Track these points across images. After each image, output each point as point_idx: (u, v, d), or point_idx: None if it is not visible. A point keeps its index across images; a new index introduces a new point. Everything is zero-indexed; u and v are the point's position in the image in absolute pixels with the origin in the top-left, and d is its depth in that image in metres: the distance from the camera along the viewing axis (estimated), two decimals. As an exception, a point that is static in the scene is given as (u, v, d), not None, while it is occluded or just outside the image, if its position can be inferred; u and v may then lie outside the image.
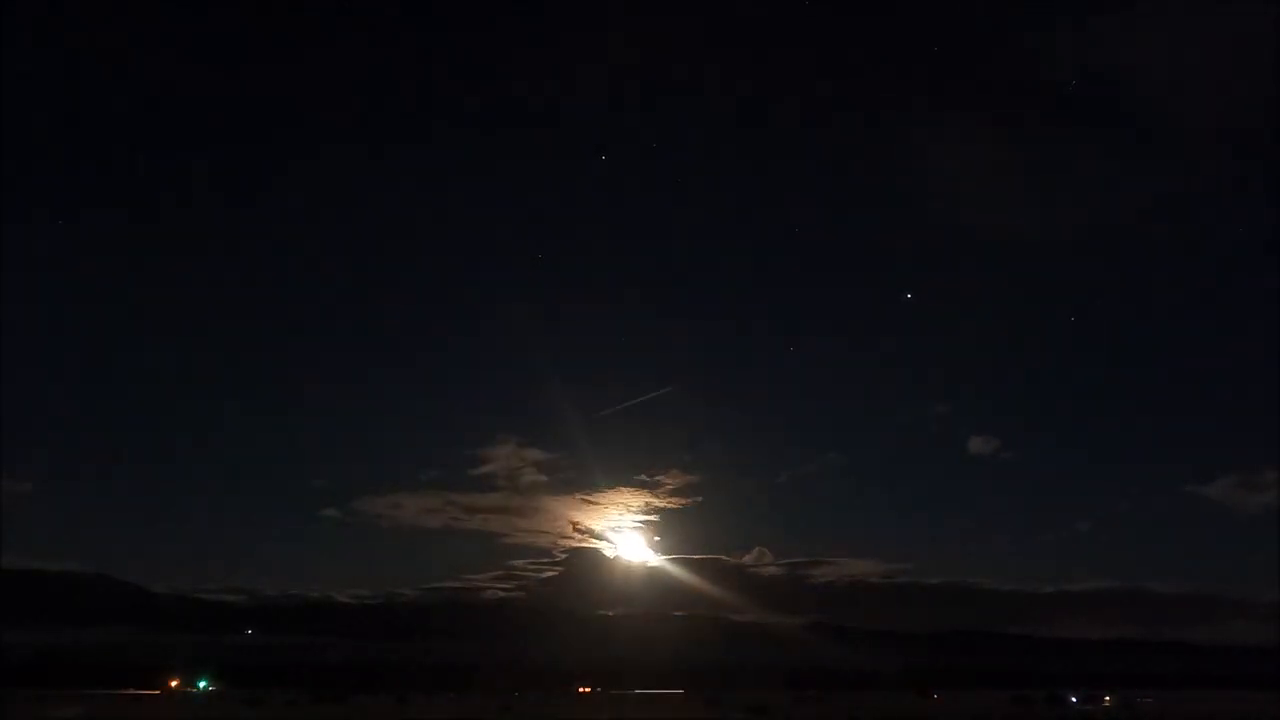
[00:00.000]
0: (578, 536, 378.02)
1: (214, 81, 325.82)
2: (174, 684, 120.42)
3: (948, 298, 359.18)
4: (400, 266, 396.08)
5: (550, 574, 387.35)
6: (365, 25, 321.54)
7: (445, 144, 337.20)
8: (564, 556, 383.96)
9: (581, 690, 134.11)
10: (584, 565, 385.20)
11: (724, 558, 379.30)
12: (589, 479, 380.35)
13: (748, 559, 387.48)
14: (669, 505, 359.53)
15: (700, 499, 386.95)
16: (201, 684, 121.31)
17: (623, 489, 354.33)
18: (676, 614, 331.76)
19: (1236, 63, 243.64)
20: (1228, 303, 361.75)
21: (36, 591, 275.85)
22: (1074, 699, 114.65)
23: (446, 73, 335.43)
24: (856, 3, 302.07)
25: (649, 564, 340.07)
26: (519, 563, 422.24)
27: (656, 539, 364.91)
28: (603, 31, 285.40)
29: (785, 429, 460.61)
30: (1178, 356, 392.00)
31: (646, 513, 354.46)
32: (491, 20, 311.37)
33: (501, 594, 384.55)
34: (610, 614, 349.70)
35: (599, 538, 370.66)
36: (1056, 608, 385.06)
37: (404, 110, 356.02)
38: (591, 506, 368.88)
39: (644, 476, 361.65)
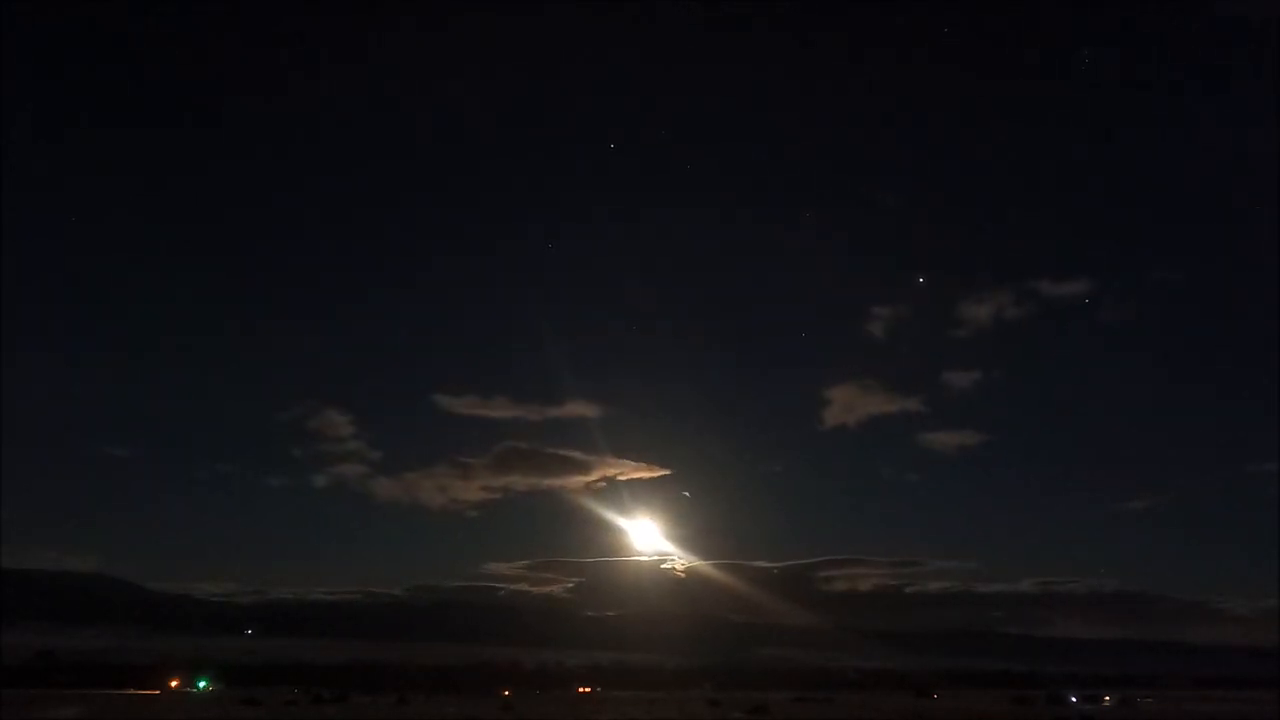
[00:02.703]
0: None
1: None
2: (174, 684, 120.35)
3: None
4: (406, 264, 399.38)
5: (570, 582, 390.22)
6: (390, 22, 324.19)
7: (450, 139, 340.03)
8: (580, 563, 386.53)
9: (581, 690, 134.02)
10: (598, 569, 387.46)
11: (725, 559, 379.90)
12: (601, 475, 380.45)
13: (750, 561, 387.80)
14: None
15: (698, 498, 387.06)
16: (201, 684, 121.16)
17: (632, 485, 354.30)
18: (677, 614, 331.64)
19: None
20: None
21: (36, 591, 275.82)
22: (1074, 699, 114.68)
23: (450, 66, 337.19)
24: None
25: (658, 565, 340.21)
26: (527, 562, 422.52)
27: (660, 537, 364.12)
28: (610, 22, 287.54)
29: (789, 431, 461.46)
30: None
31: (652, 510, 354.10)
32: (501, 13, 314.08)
33: (505, 594, 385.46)
34: (611, 614, 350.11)
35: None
36: (1056, 608, 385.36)
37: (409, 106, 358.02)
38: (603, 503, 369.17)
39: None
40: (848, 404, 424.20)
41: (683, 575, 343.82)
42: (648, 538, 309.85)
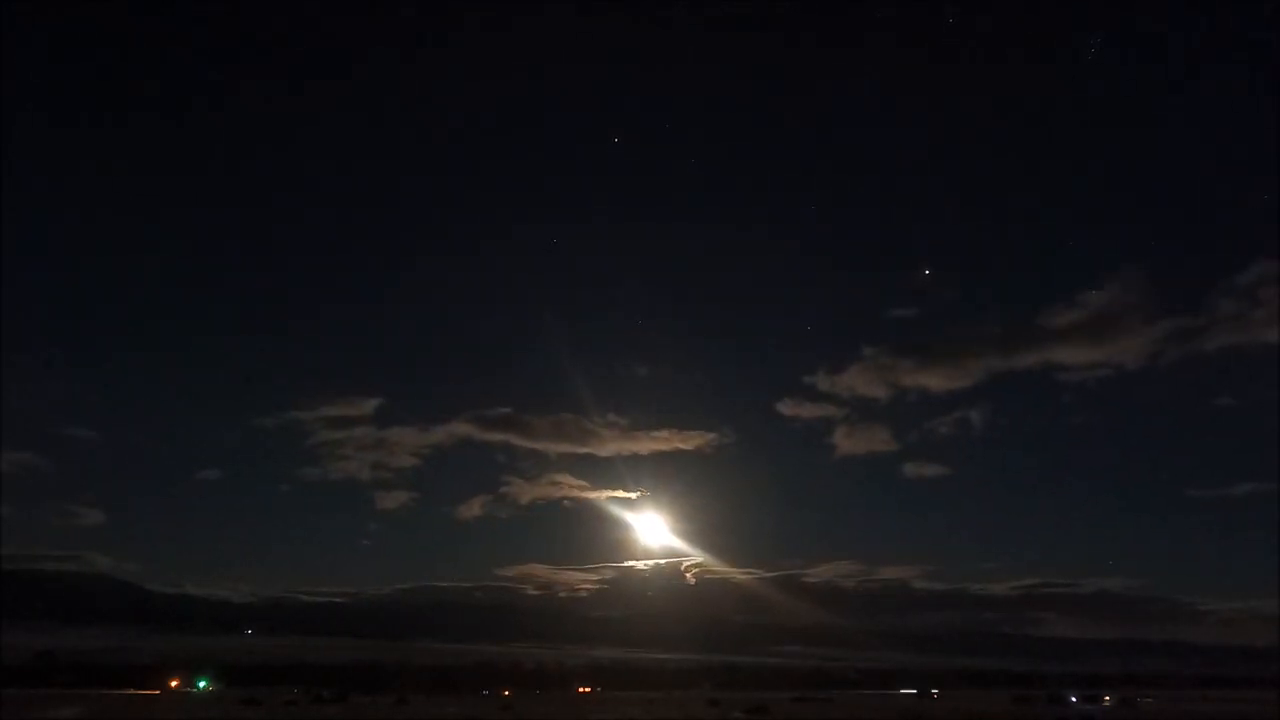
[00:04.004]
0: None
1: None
2: (174, 684, 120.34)
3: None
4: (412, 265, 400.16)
5: (575, 583, 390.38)
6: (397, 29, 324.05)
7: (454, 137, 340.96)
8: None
9: (581, 690, 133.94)
10: (602, 573, 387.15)
11: (729, 563, 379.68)
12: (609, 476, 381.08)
13: (752, 563, 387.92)
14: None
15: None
16: (201, 684, 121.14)
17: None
18: (679, 614, 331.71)
19: None
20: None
21: (36, 591, 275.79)
22: (1074, 699, 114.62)
23: (455, 63, 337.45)
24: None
25: (664, 568, 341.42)
26: (531, 564, 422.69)
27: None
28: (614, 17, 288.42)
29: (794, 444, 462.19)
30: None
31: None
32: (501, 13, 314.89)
33: (507, 595, 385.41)
34: (615, 614, 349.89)
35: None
36: (1056, 608, 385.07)
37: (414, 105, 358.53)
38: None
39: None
40: (850, 444, 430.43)
41: (693, 581, 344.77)
42: (655, 542, 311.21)
